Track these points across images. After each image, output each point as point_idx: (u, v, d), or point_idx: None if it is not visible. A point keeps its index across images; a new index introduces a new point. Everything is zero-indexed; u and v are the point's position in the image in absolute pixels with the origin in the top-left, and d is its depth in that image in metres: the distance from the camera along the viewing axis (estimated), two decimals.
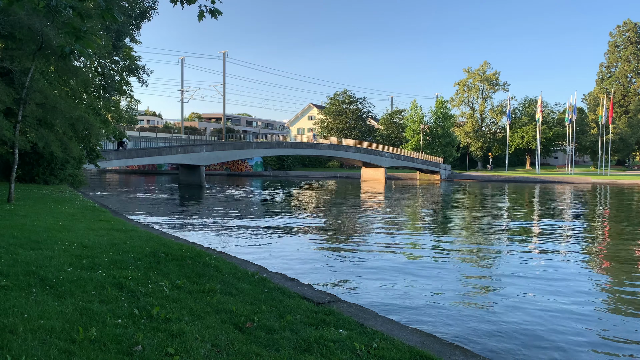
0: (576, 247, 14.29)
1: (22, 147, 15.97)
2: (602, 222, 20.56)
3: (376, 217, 21.55)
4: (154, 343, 4.08)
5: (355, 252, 12.65)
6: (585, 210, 25.82)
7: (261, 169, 69.12)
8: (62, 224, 10.58)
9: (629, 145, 79.56)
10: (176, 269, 6.86)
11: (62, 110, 15.87)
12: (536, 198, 34.33)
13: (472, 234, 16.66)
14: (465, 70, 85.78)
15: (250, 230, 16.23)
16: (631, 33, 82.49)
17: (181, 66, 73.39)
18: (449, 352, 4.60)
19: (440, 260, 11.89)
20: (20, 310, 4.59)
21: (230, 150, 47.36)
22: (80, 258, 7.07)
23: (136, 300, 5.24)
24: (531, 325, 7.12)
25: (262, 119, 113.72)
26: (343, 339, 4.50)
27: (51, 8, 3.91)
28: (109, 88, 26.42)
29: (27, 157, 22.26)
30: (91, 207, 15.23)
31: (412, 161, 63.18)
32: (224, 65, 69.20)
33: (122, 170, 69.31)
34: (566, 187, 48.57)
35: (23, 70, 16.05)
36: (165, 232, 12.78)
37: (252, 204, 26.91)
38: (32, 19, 13.44)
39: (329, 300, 6.03)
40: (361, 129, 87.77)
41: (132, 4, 26.51)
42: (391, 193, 38.32)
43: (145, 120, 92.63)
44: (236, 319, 4.88)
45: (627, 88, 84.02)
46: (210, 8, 4.98)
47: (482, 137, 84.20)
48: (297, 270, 10.04)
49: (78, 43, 4.32)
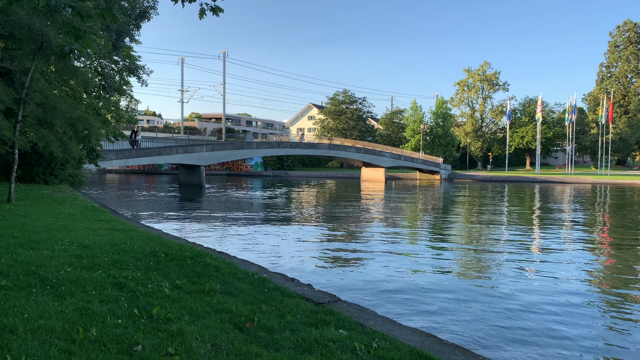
0: (577, 246, 14.29)
1: (22, 147, 15.96)
2: (603, 225, 20.55)
3: (376, 217, 21.54)
4: (154, 343, 4.07)
5: (356, 252, 12.64)
6: (586, 211, 25.81)
7: (261, 169, 69.11)
8: (62, 224, 10.57)
9: (629, 145, 79.57)
10: (176, 269, 6.85)
11: (62, 110, 15.87)
12: (536, 198, 34.33)
13: (473, 234, 16.65)
14: (465, 70, 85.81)
15: (250, 230, 16.22)
16: (631, 33, 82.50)
17: (181, 66, 73.44)
18: (449, 352, 4.60)
19: (441, 260, 11.88)
20: (20, 310, 4.58)
21: (230, 150, 47.34)
22: (80, 258, 7.07)
23: (136, 300, 5.24)
24: (532, 325, 7.12)
25: (262, 119, 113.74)
26: (343, 339, 4.50)
27: (51, 8, 3.90)
28: (109, 88, 26.41)
29: (27, 157, 22.25)
30: (91, 207, 15.23)
31: (412, 161, 63.17)
32: (224, 65, 69.25)
33: (122, 170, 69.29)
34: (566, 187, 48.56)
35: (23, 70, 16.06)
36: (165, 232, 12.77)
37: (252, 204, 26.90)
38: (32, 19, 13.43)
39: (329, 300, 6.03)
40: (361, 129, 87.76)
41: (132, 4, 26.51)
42: (391, 193, 38.31)
43: (145, 120, 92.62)
44: (236, 319, 4.87)
45: (627, 88, 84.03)
46: (211, 5, 4.98)
47: (482, 137, 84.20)
48: (297, 270, 10.03)
49: (78, 43, 4.32)
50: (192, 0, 4.88)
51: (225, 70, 70.37)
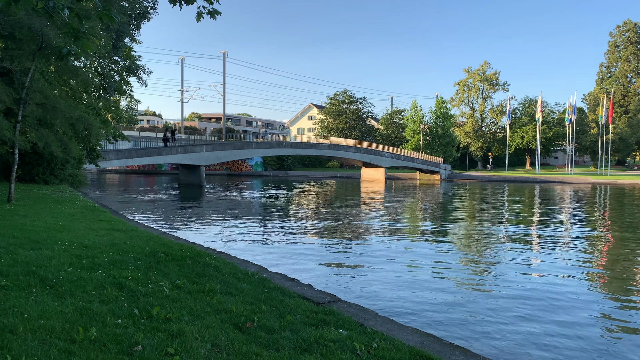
0: (577, 250, 14.30)
1: (22, 147, 15.97)
2: (604, 226, 20.55)
3: (376, 217, 21.55)
4: (154, 343, 4.08)
5: (356, 253, 12.64)
6: (586, 211, 25.81)
7: (261, 169, 69.11)
8: (62, 224, 10.57)
9: (629, 145, 79.54)
10: (176, 269, 6.86)
11: (62, 110, 15.87)
12: (536, 198, 34.32)
13: (473, 235, 16.65)
14: (465, 70, 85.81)
15: (250, 230, 16.22)
16: (631, 33, 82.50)
17: (181, 66, 73.36)
18: (449, 352, 4.60)
19: (441, 260, 11.88)
20: (20, 310, 4.59)
21: (230, 150, 47.34)
22: (80, 258, 7.07)
23: (136, 300, 5.24)
24: (531, 326, 7.12)
25: (262, 119, 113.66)
26: (343, 339, 4.50)
27: (49, 9, 3.90)
28: (108, 88, 26.40)
29: (27, 157, 22.25)
30: (91, 207, 15.23)
31: (412, 161, 63.16)
32: (224, 65, 69.16)
33: (122, 170, 69.29)
34: (566, 187, 48.56)
35: (23, 70, 16.06)
36: (165, 232, 12.78)
37: (252, 204, 26.90)
38: (32, 19, 13.45)
39: (329, 300, 6.03)
40: (361, 129, 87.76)
41: (132, 4, 26.50)
42: (391, 193, 38.31)
43: (145, 120, 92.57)
44: (236, 319, 4.88)
45: (627, 88, 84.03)
46: (208, 9, 4.99)
47: (482, 137, 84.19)
48: (297, 270, 10.03)
49: (76, 44, 4.31)
50: (189, 3, 4.88)
51: (225, 70, 70.36)
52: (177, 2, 4.90)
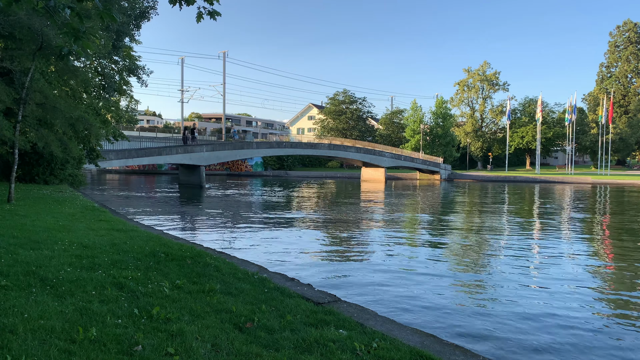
0: (577, 250, 14.29)
1: (22, 147, 15.96)
2: (604, 224, 20.55)
3: (376, 217, 21.54)
4: (154, 343, 4.07)
5: (356, 253, 12.64)
6: (586, 211, 25.81)
7: (261, 169, 69.11)
8: (62, 224, 10.57)
9: (629, 145, 79.57)
10: (176, 269, 6.85)
11: (62, 110, 15.88)
12: (536, 198, 34.32)
13: (473, 235, 16.65)
14: (465, 70, 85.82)
15: (250, 230, 16.22)
16: (631, 33, 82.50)
17: (181, 66, 73.35)
18: (449, 352, 4.60)
19: (441, 260, 11.88)
20: (20, 310, 4.58)
21: (230, 150, 47.34)
22: (80, 258, 7.07)
23: (136, 300, 5.24)
24: (531, 326, 7.12)
25: (262, 119, 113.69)
26: (343, 339, 4.50)
27: (49, 8, 3.90)
28: (109, 88, 26.40)
29: (27, 157, 22.25)
30: (91, 207, 15.22)
31: (412, 161, 63.16)
32: (224, 65, 69.15)
33: (122, 170, 69.31)
34: (566, 187, 48.55)
35: (23, 70, 16.06)
36: (165, 232, 12.77)
37: (252, 204, 26.89)
38: (32, 19, 13.44)
39: (329, 300, 6.03)
40: (361, 129, 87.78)
41: (132, 4, 26.51)
42: (391, 193, 38.31)
43: (145, 120, 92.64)
44: (236, 319, 4.87)
45: (627, 88, 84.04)
46: (209, 10, 4.98)
47: (482, 137, 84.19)
48: (297, 270, 10.03)
49: (77, 44, 4.31)
50: (189, 4, 4.87)
51: (225, 70, 70.33)
52: (177, 3, 4.90)
